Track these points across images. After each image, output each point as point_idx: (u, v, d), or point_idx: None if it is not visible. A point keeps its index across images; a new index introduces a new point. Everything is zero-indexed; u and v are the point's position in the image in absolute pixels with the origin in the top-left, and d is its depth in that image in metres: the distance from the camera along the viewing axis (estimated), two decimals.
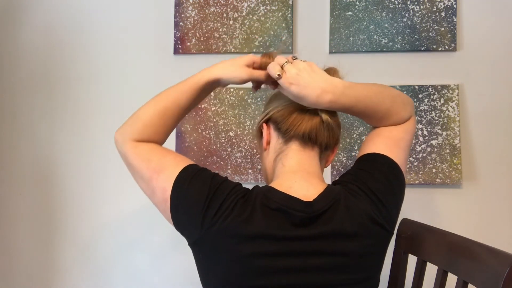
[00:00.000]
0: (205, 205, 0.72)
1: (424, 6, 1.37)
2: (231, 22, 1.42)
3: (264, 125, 0.84)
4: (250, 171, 1.39)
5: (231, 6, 1.41)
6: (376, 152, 0.81)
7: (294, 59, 0.79)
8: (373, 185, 0.77)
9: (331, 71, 0.82)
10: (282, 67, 0.77)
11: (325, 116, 0.79)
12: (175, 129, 1.39)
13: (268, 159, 0.84)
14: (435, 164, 1.34)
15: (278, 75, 0.75)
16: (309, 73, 0.76)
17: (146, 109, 0.81)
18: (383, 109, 0.82)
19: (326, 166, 0.87)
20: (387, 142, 0.83)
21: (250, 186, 0.78)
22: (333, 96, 0.75)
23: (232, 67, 0.80)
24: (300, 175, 0.78)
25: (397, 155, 0.81)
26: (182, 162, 0.77)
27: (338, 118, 0.84)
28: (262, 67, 0.82)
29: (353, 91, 0.77)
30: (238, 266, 0.71)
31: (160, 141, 0.83)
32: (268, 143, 0.84)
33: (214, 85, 0.82)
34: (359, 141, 1.37)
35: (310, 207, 0.72)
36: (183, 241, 0.77)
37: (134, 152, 0.79)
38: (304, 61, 0.78)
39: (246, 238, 0.70)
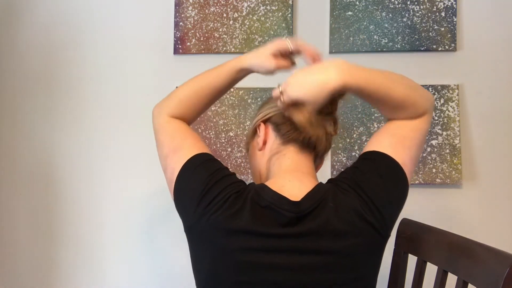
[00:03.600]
0: (201, 194, 0.73)
1: (424, 6, 1.37)
2: (231, 22, 1.42)
3: (262, 125, 0.84)
4: (250, 171, 1.39)
5: (231, 6, 1.41)
6: (377, 151, 0.79)
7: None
8: (364, 183, 0.75)
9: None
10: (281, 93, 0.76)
11: (329, 128, 0.80)
12: None
13: (263, 159, 0.84)
14: (435, 164, 1.34)
15: (280, 102, 0.76)
16: (303, 75, 0.74)
17: (183, 88, 0.86)
18: (398, 96, 0.77)
19: (317, 170, 0.87)
20: (391, 140, 0.79)
21: None
22: (343, 79, 0.72)
23: (262, 57, 0.82)
24: (294, 175, 0.78)
25: (400, 154, 0.78)
26: (197, 148, 0.79)
27: (338, 124, 0.84)
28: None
29: (361, 72, 0.74)
30: (224, 260, 0.71)
31: (192, 119, 0.88)
32: (265, 143, 0.83)
33: (246, 72, 0.85)
34: (359, 141, 1.37)
35: (298, 206, 0.72)
36: (186, 241, 0.77)
37: (164, 127, 0.83)
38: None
39: (232, 232, 0.71)
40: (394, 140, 0.79)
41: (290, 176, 0.78)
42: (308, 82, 0.73)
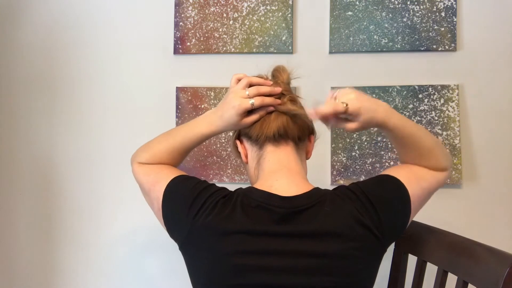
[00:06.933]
0: (188, 206, 0.75)
1: (424, 6, 1.37)
2: (231, 22, 1.42)
3: (237, 142, 0.88)
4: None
5: (231, 6, 1.41)
6: (391, 175, 0.81)
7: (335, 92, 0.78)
8: (370, 192, 0.76)
9: (280, 69, 0.85)
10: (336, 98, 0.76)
11: (291, 107, 0.81)
12: None
13: (251, 169, 0.86)
14: None
15: (346, 105, 0.74)
16: (368, 97, 0.77)
17: (158, 143, 0.90)
18: (426, 145, 0.82)
19: (308, 157, 0.89)
20: (409, 175, 0.81)
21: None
22: (387, 114, 0.78)
23: (231, 124, 0.83)
24: (280, 174, 0.79)
25: (412, 187, 0.79)
26: (173, 174, 0.83)
27: (303, 109, 0.85)
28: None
29: (399, 115, 0.80)
30: (220, 264, 0.72)
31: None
32: (246, 156, 0.87)
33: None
34: (359, 141, 1.37)
35: (289, 202, 0.73)
36: None
37: (139, 170, 0.89)
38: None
39: (226, 234, 0.72)
40: (411, 175, 0.82)
41: (276, 175, 0.79)
42: (365, 104, 0.76)
